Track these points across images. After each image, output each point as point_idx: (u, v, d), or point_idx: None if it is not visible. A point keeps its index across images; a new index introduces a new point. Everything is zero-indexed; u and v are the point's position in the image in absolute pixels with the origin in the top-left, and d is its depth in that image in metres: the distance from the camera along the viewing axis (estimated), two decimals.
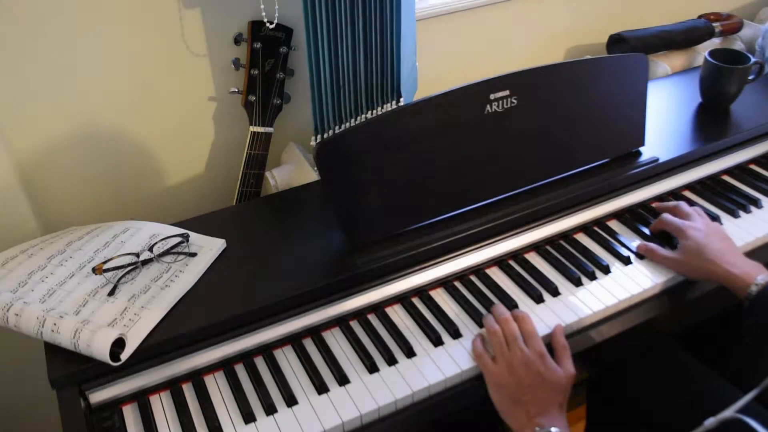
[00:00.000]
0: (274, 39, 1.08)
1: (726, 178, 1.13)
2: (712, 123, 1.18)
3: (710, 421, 0.72)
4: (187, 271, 0.89)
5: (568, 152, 1.02)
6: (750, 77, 1.19)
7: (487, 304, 0.89)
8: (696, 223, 0.95)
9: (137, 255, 0.90)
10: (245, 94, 1.10)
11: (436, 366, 0.82)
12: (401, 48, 1.09)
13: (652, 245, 0.95)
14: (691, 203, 1.06)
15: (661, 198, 1.08)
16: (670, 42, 1.43)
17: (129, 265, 0.89)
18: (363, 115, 1.15)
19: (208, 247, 0.93)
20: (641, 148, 1.10)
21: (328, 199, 0.90)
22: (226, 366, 0.83)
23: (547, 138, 1.00)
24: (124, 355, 0.77)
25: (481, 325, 0.87)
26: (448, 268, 0.94)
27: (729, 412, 0.72)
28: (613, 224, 1.03)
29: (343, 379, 0.81)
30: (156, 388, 0.81)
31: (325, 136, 1.11)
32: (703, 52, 1.31)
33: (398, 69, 1.12)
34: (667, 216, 0.98)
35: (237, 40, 1.08)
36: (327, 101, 1.08)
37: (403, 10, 1.06)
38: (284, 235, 0.97)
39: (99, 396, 0.78)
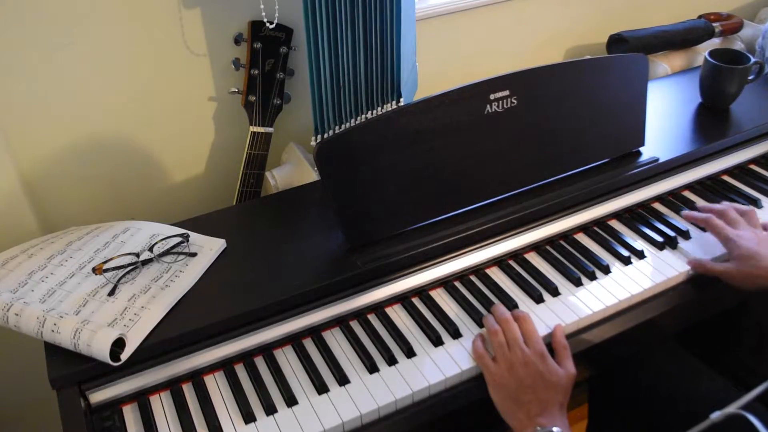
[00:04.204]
0: (274, 39, 1.08)
1: (726, 178, 1.13)
2: (712, 123, 1.18)
3: (716, 415, 0.72)
4: (187, 271, 0.89)
5: (568, 152, 1.02)
6: (750, 77, 1.19)
7: (487, 304, 0.89)
8: (746, 231, 0.92)
9: (137, 255, 0.90)
10: (245, 94, 1.10)
11: (436, 366, 0.82)
12: (401, 48, 1.09)
13: (703, 260, 0.93)
14: (691, 203, 1.06)
15: (661, 198, 1.08)
16: (670, 42, 1.43)
17: (129, 265, 0.89)
18: (363, 115, 1.14)
19: (208, 247, 0.93)
20: (641, 148, 1.10)
21: (328, 199, 0.89)
22: (226, 366, 0.83)
23: (547, 138, 1.00)
24: (124, 355, 0.77)
25: (481, 325, 0.87)
26: (448, 268, 0.93)
27: (733, 408, 0.73)
28: (614, 224, 1.03)
29: (343, 379, 0.81)
30: (156, 388, 0.81)
31: (325, 136, 1.11)
32: (703, 52, 1.31)
33: (398, 69, 1.12)
34: (715, 220, 0.94)
35: (237, 40, 1.08)
36: (327, 101, 1.08)
37: (403, 10, 1.06)
38: (284, 235, 0.97)
39: (99, 396, 0.78)
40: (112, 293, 0.85)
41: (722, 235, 0.93)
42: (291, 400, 0.78)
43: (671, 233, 0.99)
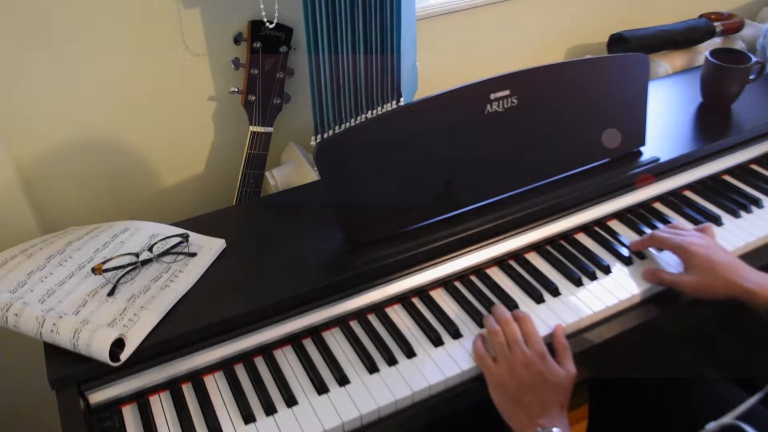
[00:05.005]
0: (274, 38, 1.08)
1: (727, 178, 1.13)
2: (712, 123, 1.18)
3: (711, 426, 0.72)
4: (187, 272, 0.89)
5: (568, 152, 1.02)
6: (751, 77, 1.19)
7: (488, 305, 0.89)
8: (694, 238, 0.89)
9: (137, 255, 0.90)
10: (245, 93, 1.10)
11: (437, 366, 0.82)
12: (401, 48, 1.09)
13: (658, 269, 0.92)
14: (692, 203, 1.06)
15: (662, 198, 1.07)
16: (671, 41, 1.43)
17: (128, 265, 0.88)
18: (363, 115, 1.14)
19: (208, 247, 0.93)
20: (642, 148, 1.09)
21: (328, 199, 0.89)
22: (225, 366, 0.83)
23: (548, 138, 0.99)
24: (124, 356, 0.77)
25: (481, 325, 0.86)
26: (449, 268, 0.93)
27: (728, 418, 0.72)
28: (614, 224, 1.03)
29: (343, 380, 0.81)
30: (156, 389, 0.81)
31: (325, 136, 1.11)
32: (704, 51, 1.31)
33: (398, 69, 1.11)
34: (660, 233, 0.92)
35: (237, 40, 1.08)
36: (327, 101, 1.07)
37: (403, 10, 1.06)
38: (284, 235, 0.96)
39: (98, 396, 0.78)
40: (111, 293, 0.85)
41: (671, 244, 0.90)
42: (291, 401, 0.78)
43: None
